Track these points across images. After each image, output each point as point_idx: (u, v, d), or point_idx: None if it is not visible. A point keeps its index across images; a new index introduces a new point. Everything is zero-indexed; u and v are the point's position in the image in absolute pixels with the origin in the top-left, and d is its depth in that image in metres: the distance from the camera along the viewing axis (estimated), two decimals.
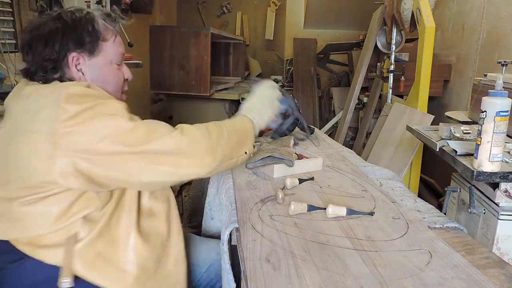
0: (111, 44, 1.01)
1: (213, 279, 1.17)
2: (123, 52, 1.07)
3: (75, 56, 0.95)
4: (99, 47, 0.98)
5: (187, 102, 3.69)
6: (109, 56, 1.01)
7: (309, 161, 1.38)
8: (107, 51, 1.00)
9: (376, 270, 0.73)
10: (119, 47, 1.05)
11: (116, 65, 1.04)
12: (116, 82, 1.05)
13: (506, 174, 1.17)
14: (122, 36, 1.09)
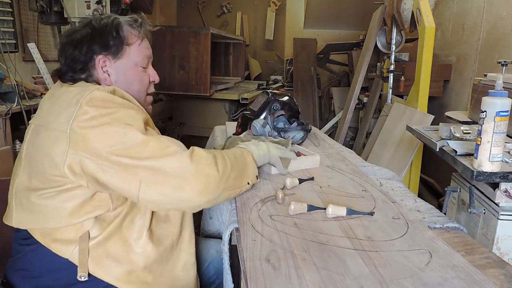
0: (135, 48, 1.07)
1: (213, 276, 1.20)
2: (149, 55, 1.12)
3: (101, 58, 1.02)
4: (123, 50, 1.04)
5: (187, 102, 3.69)
6: (133, 59, 1.06)
7: (306, 158, 1.40)
8: (131, 54, 1.06)
9: (376, 270, 0.73)
10: (144, 50, 1.09)
11: (141, 68, 1.09)
12: (140, 83, 1.10)
13: (506, 174, 1.17)
14: (149, 40, 1.15)
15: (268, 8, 5.71)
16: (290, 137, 1.67)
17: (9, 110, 2.01)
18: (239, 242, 0.84)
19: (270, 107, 1.81)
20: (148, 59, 1.12)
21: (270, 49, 5.88)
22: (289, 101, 1.86)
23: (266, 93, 1.88)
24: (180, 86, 3.45)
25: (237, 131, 1.86)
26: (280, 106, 1.81)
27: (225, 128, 2.10)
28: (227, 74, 4.89)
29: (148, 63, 1.13)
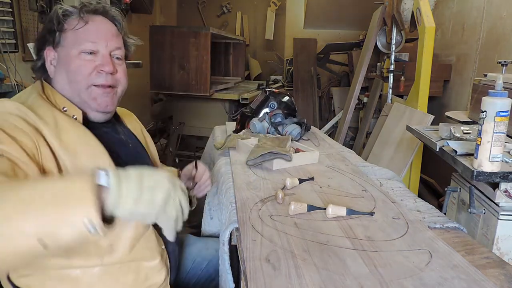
0: (72, 33, 0.97)
1: (212, 274, 1.20)
2: (96, 40, 0.97)
3: (48, 50, 0.98)
4: (59, 37, 0.97)
5: (187, 102, 3.69)
6: (70, 45, 0.96)
7: (305, 154, 1.41)
8: (67, 40, 0.97)
9: (376, 270, 0.73)
10: (87, 34, 0.97)
11: (85, 54, 0.96)
12: (77, 71, 0.96)
13: (506, 174, 1.17)
14: (108, 26, 1.02)
15: (268, 8, 5.71)
16: (288, 132, 1.67)
17: None
18: (239, 242, 0.84)
19: (267, 105, 1.82)
20: (95, 45, 0.97)
21: (270, 49, 5.88)
22: (286, 100, 1.86)
23: (264, 92, 1.88)
24: (180, 86, 3.45)
25: (236, 128, 1.87)
26: (277, 104, 1.82)
27: (225, 128, 2.10)
28: (227, 74, 4.89)
29: (97, 50, 0.98)
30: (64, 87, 0.97)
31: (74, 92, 0.97)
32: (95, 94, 0.98)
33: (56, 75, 0.98)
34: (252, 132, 1.71)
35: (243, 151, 1.49)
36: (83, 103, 0.98)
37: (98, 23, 0.99)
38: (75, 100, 0.97)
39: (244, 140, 1.56)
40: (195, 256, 1.21)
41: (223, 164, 1.38)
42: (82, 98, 0.97)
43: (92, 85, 0.97)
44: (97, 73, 0.97)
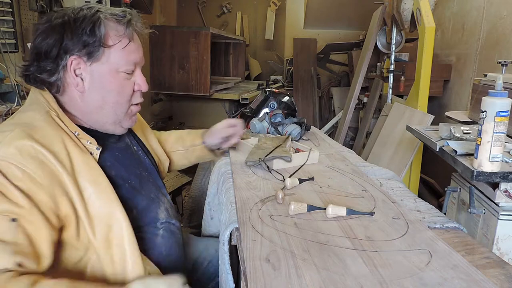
0: (117, 51, 0.90)
1: (212, 274, 1.20)
2: (137, 60, 0.95)
3: (74, 59, 0.87)
4: (99, 52, 0.87)
5: (187, 102, 3.69)
6: (113, 64, 0.89)
7: (305, 154, 1.41)
8: (111, 58, 0.89)
9: (376, 270, 0.73)
10: (130, 55, 0.92)
11: (124, 74, 0.92)
12: (120, 94, 0.92)
13: (506, 174, 1.17)
14: (140, 42, 0.98)
15: (268, 8, 5.71)
16: (288, 132, 1.68)
17: (9, 110, 2.00)
18: (239, 242, 0.84)
19: (267, 105, 1.82)
20: (135, 64, 0.94)
21: (270, 49, 5.88)
22: (286, 100, 1.87)
23: (264, 92, 1.89)
24: (180, 86, 3.45)
25: None
26: (277, 104, 1.82)
27: None
28: (227, 74, 4.89)
29: (135, 68, 0.95)
30: (102, 106, 0.91)
31: (114, 112, 0.93)
32: (131, 113, 0.97)
33: (90, 91, 0.89)
34: (252, 132, 1.71)
35: (243, 151, 1.49)
36: (117, 122, 0.95)
37: (137, 41, 0.95)
38: (109, 119, 0.93)
39: (244, 140, 1.56)
40: (196, 257, 1.21)
41: (223, 164, 1.38)
42: (119, 118, 0.94)
43: (132, 105, 0.97)
44: (135, 92, 0.96)
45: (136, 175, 1.00)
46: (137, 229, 0.92)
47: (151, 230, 0.99)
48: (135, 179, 0.99)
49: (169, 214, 1.06)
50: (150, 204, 1.01)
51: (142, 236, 0.95)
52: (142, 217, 0.97)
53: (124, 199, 0.89)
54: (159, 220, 1.01)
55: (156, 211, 1.02)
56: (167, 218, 1.04)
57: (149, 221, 0.99)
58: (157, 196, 1.05)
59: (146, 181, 1.03)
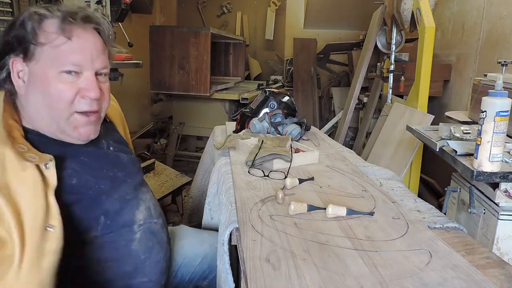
0: (51, 49, 0.81)
1: (206, 271, 1.17)
2: (81, 62, 0.83)
3: (14, 60, 0.82)
4: (31, 50, 0.81)
5: (187, 102, 3.69)
6: (46, 64, 0.81)
7: (305, 154, 1.41)
8: (43, 57, 0.81)
9: (376, 270, 0.73)
10: (69, 55, 0.82)
11: (65, 76, 0.82)
12: (55, 96, 0.82)
13: (506, 174, 1.17)
14: (96, 43, 0.87)
15: (268, 8, 5.71)
16: (288, 132, 1.68)
17: None
18: (239, 242, 0.84)
19: (267, 105, 1.82)
20: (79, 67, 0.83)
21: (270, 49, 5.88)
22: (286, 100, 1.87)
23: (264, 92, 1.89)
24: (180, 86, 3.45)
25: (236, 128, 1.87)
26: (277, 104, 1.82)
27: (225, 128, 2.10)
28: (227, 74, 4.89)
29: (82, 71, 0.84)
30: (39, 110, 0.84)
31: (51, 118, 0.84)
32: (77, 123, 0.86)
33: (28, 95, 0.83)
34: (252, 132, 1.71)
35: (243, 151, 1.49)
36: (61, 131, 0.86)
37: (83, 39, 0.84)
38: (51, 127, 0.86)
39: (244, 140, 1.56)
40: (188, 252, 1.16)
41: (223, 164, 1.38)
42: (60, 127, 0.85)
43: (75, 112, 0.85)
44: (80, 98, 0.84)
45: (107, 178, 0.95)
46: (108, 236, 0.89)
47: (126, 235, 0.93)
48: (105, 182, 0.93)
49: (150, 213, 1.01)
50: (124, 206, 0.95)
51: (114, 244, 0.91)
52: (114, 222, 0.92)
53: (84, 208, 0.85)
54: (136, 222, 0.96)
55: (133, 212, 0.97)
56: (148, 218, 0.99)
57: (122, 224, 0.93)
58: (136, 196, 1.00)
59: (121, 182, 0.98)
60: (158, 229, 1.02)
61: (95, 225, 0.88)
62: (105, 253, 0.90)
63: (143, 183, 1.08)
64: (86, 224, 0.88)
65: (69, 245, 0.80)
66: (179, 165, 3.78)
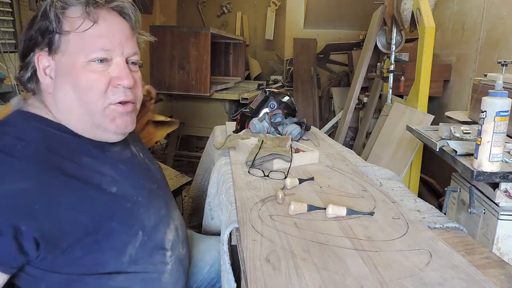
0: (76, 37, 0.75)
1: (214, 279, 1.15)
2: (109, 46, 0.77)
3: (39, 55, 0.77)
4: (57, 40, 0.75)
5: (187, 102, 3.69)
6: (73, 53, 0.75)
7: (306, 154, 1.41)
8: (70, 46, 0.76)
9: (376, 270, 0.73)
10: (96, 40, 0.76)
11: (93, 65, 0.77)
12: (87, 89, 0.76)
13: (506, 174, 1.17)
14: (120, 23, 0.80)
15: (268, 8, 5.71)
16: (288, 132, 1.68)
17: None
18: (239, 242, 0.84)
19: (267, 105, 1.82)
20: (108, 52, 0.77)
21: (270, 49, 5.88)
22: (286, 100, 1.87)
23: (264, 92, 1.89)
24: (180, 86, 3.45)
25: (236, 128, 1.87)
26: (277, 104, 1.82)
27: (225, 128, 2.10)
28: (227, 74, 4.89)
29: (111, 57, 0.78)
30: (71, 106, 0.78)
31: (85, 113, 0.78)
32: (113, 114, 0.80)
33: (57, 91, 0.78)
34: (252, 132, 1.71)
35: (243, 151, 1.49)
36: (97, 126, 0.80)
37: (110, 23, 0.78)
38: (86, 123, 0.80)
39: (244, 140, 1.56)
40: (197, 260, 1.14)
41: (223, 164, 1.38)
42: (96, 121, 0.79)
43: (110, 104, 0.79)
44: (114, 87, 0.79)
45: (145, 188, 0.87)
46: (140, 264, 0.81)
47: (159, 266, 0.85)
48: (143, 194, 0.86)
49: (178, 234, 0.93)
50: (159, 222, 0.88)
51: (145, 275, 0.83)
52: (150, 240, 0.84)
53: (123, 221, 0.79)
54: (167, 246, 0.88)
55: (165, 231, 0.89)
56: (176, 241, 0.92)
57: (156, 245, 0.85)
58: (168, 212, 0.93)
59: (155, 195, 0.90)
60: (184, 255, 0.95)
61: (134, 241, 0.80)
62: (133, 284, 0.81)
63: (172, 197, 1.01)
64: (125, 241, 0.79)
65: None
66: (179, 165, 3.78)
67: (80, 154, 0.78)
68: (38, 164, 0.71)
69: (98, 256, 0.75)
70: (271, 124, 1.72)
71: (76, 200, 0.73)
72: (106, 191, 0.78)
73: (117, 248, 0.77)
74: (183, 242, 0.96)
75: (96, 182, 0.77)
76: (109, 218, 0.76)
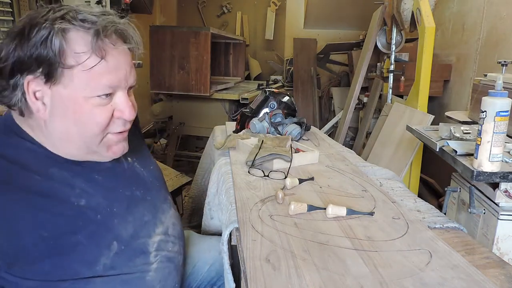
0: (81, 73, 0.70)
1: (214, 278, 1.16)
2: (115, 83, 0.75)
3: (31, 81, 0.71)
4: (59, 72, 0.70)
5: (187, 102, 3.69)
6: (78, 89, 0.71)
7: (306, 154, 1.41)
8: (74, 81, 0.71)
9: (376, 270, 0.73)
10: (103, 77, 0.72)
11: (97, 100, 0.73)
12: (90, 124, 0.74)
13: (506, 174, 1.17)
14: (126, 56, 0.77)
15: (268, 8, 5.71)
16: (288, 132, 1.68)
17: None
18: (239, 242, 0.84)
19: (267, 105, 1.82)
20: (113, 88, 0.75)
21: (270, 49, 5.88)
22: (286, 100, 1.87)
23: (264, 92, 1.89)
24: (180, 86, 3.45)
25: (236, 128, 1.87)
26: (277, 104, 1.82)
27: (225, 128, 2.10)
28: (227, 74, 4.89)
29: (114, 92, 0.76)
30: (69, 137, 0.75)
31: (83, 143, 0.77)
32: (110, 142, 0.79)
33: (53, 120, 0.74)
34: (252, 132, 1.71)
35: (243, 151, 1.49)
36: (93, 153, 0.80)
37: (117, 56, 0.75)
38: (81, 151, 0.78)
39: (244, 140, 1.56)
40: (196, 259, 1.14)
41: (223, 164, 1.38)
42: (92, 149, 0.78)
43: (108, 133, 0.78)
44: (115, 119, 0.78)
45: (123, 199, 0.85)
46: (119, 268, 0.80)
47: (140, 266, 0.84)
48: (119, 204, 0.83)
49: (168, 234, 0.92)
50: (140, 230, 0.86)
51: (125, 277, 0.81)
52: (128, 248, 0.82)
53: (90, 235, 0.76)
54: (152, 249, 0.87)
55: (149, 235, 0.88)
56: (164, 242, 0.90)
57: (137, 251, 0.84)
58: (154, 215, 0.91)
59: (139, 202, 0.88)
60: (175, 253, 0.94)
61: (107, 253, 0.78)
62: (113, 286, 0.80)
63: (166, 199, 0.99)
64: (95, 253, 0.77)
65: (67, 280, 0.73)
66: (179, 165, 3.78)
67: (49, 166, 0.76)
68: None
69: (68, 268, 0.74)
70: (271, 124, 1.72)
71: (36, 217, 0.71)
72: (73, 204, 0.76)
73: (87, 260, 0.76)
74: (174, 241, 0.94)
75: (63, 195, 0.75)
76: (73, 231, 0.74)
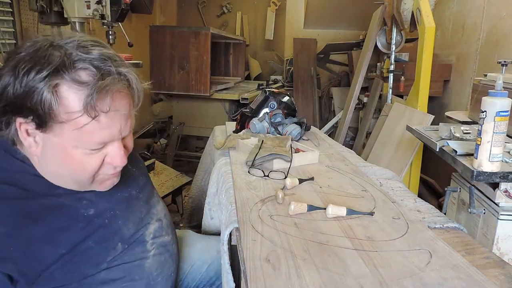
0: (72, 130, 0.68)
1: (213, 277, 1.16)
2: (107, 139, 0.73)
3: (22, 123, 0.69)
4: (48, 124, 0.68)
5: (187, 102, 3.69)
6: (68, 141, 0.70)
7: (306, 154, 1.41)
8: (64, 133, 0.69)
9: (376, 270, 0.73)
10: (93, 134, 0.70)
11: (87, 151, 0.72)
12: (79, 170, 0.74)
13: (506, 174, 1.17)
14: (124, 106, 0.73)
15: (268, 8, 5.71)
16: (288, 132, 1.68)
17: None
18: (239, 242, 0.84)
19: (267, 105, 1.82)
20: (105, 143, 0.73)
21: (270, 49, 5.88)
22: (286, 100, 1.87)
23: (264, 92, 1.89)
24: (180, 86, 3.45)
25: (236, 128, 1.87)
26: (277, 104, 1.82)
27: (225, 128, 2.10)
28: (227, 74, 4.89)
29: (107, 143, 0.74)
30: (59, 174, 0.76)
31: (73, 181, 0.78)
32: (102, 179, 0.80)
33: (44, 158, 0.74)
34: (252, 132, 1.71)
35: (243, 151, 1.49)
36: (84, 188, 0.81)
37: (112, 115, 0.70)
38: (73, 186, 0.79)
39: (244, 140, 1.56)
40: (195, 259, 1.15)
41: (223, 164, 1.38)
42: (84, 186, 0.80)
43: (100, 174, 0.78)
44: (106, 164, 0.77)
45: (122, 199, 0.89)
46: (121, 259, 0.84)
47: (139, 254, 0.88)
48: (120, 206, 0.87)
49: (162, 225, 0.97)
50: (139, 226, 0.90)
51: (127, 265, 0.85)
52: (129, 248, 0.86)
53: (100, 239, 0.80)
54: (149, 240, 0.91)
55: (147, 227, 0.92)
56: (159, 232, 0.95)
57: (136, 244, 0.88)
58: (148, 211, 0.96)
59: (135, 200, 0.93)
60: (169, 241, 0.98)
61: (113, 253, 0.82)
62: (116, 274, 0.84)
63: (152, 192, 1.02)
64: (103, 255, 0.81)
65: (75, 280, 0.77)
66: (179, 165, 3.78)
67: (55, 188, 0.78)
68: (12, 207, 0.72)
69: (75, 271, 0.77)
70: (271, 124, 1.72)
71: (51, 234, 0.74)
72: (83, 215, 0.79)
73: (95, 262, 0.80)
74: (167, 230, 0.98)
75: (72, 209, 0.78)
76: (84, 240, 0.78)
